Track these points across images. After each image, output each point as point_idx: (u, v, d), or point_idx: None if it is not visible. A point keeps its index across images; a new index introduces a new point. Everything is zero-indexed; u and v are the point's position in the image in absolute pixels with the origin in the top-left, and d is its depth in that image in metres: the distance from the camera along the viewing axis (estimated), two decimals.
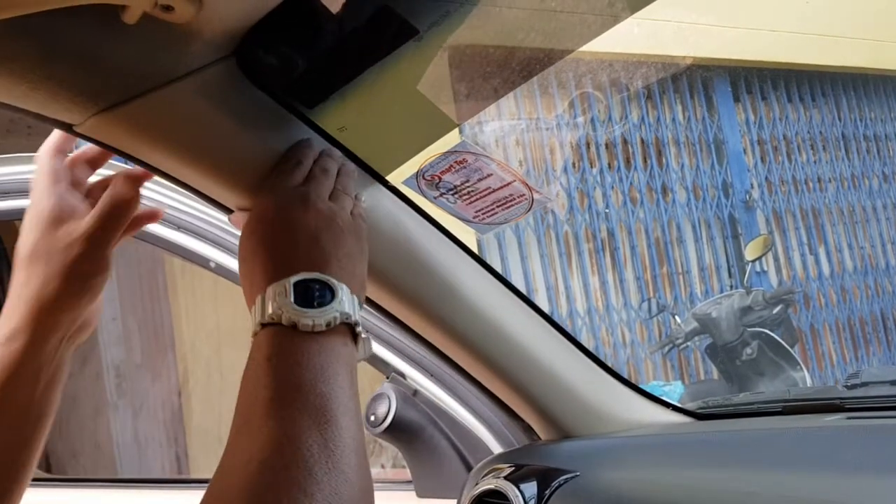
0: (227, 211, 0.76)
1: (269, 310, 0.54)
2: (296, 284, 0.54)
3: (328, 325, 0.53)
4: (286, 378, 0.52)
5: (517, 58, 0.75)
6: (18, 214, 1.42)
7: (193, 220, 1.19)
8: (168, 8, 0.56)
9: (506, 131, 3.98)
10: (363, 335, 0.56)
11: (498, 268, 3.83)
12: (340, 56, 0.68)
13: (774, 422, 0.87)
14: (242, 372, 0.56)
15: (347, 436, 0.50)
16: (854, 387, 0.91)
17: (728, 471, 0.76)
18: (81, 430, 3.36)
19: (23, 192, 1.35)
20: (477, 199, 0.79)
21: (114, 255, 0.73)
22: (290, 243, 0.58)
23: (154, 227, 1.21)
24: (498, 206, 0.79)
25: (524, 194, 0.77)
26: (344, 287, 0.55)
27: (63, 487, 1.80)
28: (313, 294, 0.54)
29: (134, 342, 3.39)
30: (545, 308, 3.90)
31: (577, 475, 0.80)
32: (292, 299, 0.53)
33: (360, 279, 0.60)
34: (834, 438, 0.77)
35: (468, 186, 0.77)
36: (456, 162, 0.75)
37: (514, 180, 0.75)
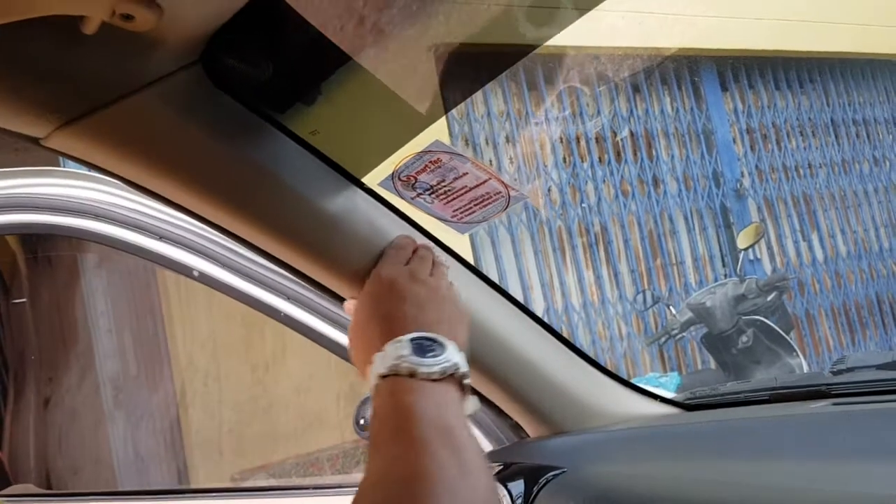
0: (203, 221, 0.75)
1: (389, 362, 0.61)
2: (411, 340, 0.62)
3: (442, 373, 0.60)
4: (410, 412, 0.57)
5: (486, 53, 0.75)
6: (7, 230, 1.41)
7: (175, 230, 1.18)
8: (128, 17, 0.55)
9: (495, 127, 3.97)
10: (469, 391, 0.63)
11: (492, 265, 3.84)
12: (307, 59, 0.68)
13: (761, 410, 0.86)
14: (237, 380, 0.59)
15: (473, 453, 0.56)
16: (840, 372, 0.90)
17: (713, 461, 0.76)
18: (81, 444, 3.35)
19: (10, 207, 1.34)
20: (454, 199, 0.78)
21: (106, 268, 0.73)
22: (403, 310, 0.67)
23: (137, 238, 1.21)
24: (475, 205, 0.78)
25: (500, 192, 0.76)
26: (452, 343, 0.63)
27: (64, 502, 1.79)
28: (427, 348, 0.62)
29: (129, 354, 3.37)
30: (541, 304, 3.91)
31: (563, 471, 0.80)
32: (410, 352, 0.61)
33: (463, 339, 0.67)
34: (819, 425, 0.77)
35: (444, 186, 0.77)
36: (431, 162, 0.75)
37: (490, 178, 0.75)
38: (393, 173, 0.77)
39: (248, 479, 3.11)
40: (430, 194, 0.78)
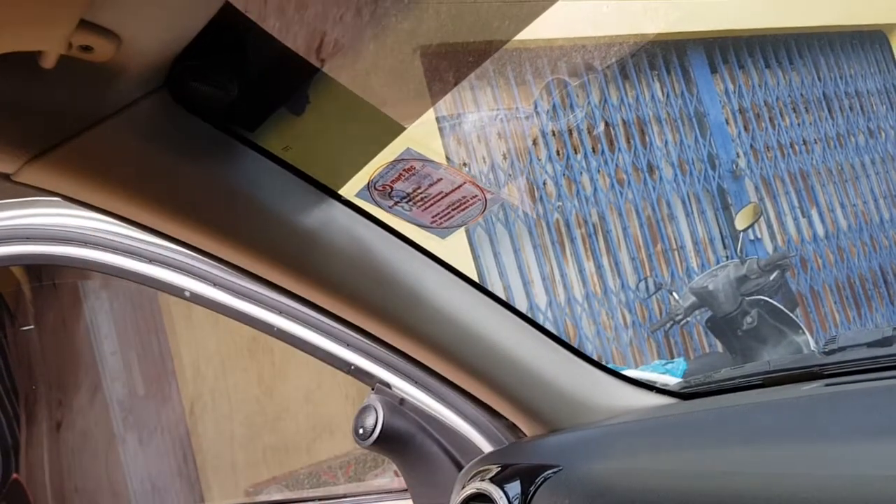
0: (183, 245, 0.75)
1: None
2: None
3: None
4: None
5: (458, 51, 0.75)
6: (3, 262, 1.42)
7: (164, 252, 1.18)
8: (86, 48, 0.55)
9: (485, 123, 3.97)
10: None
11: (492, 262, 3.83)
12: (272, 76, 0.68)
13: (755, 395, 0.86)
14: (245, 393, 0.53)
15: None
16: (832, 352, 0.90)
17: (709, 450, 0.75)
18: (94, 469, 3.36)
19: (6, 239, 1.35)
20: (431, 205, 0.78)
21: (108, 290, 0.72)
22: None
23: (127, 263, 1.21)
24: (453, 210, 0.79)
25: (477, 195, 0.76)
26: None
27: None
28: None
29: (135, 374, 3.38)
30: (543, 298, 3.90)
31: (559, 469, 0.80)
32: None
33: None
34: (812, 408, 0.76)
35: (420, 193, 0.77)
36: (405, 170, 0.75)
37: (465, 182, 0.75)
38: (368, 183, 0.77)
39: (261, 491, 3.11)
40: (407, 202, 0.78)
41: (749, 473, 0.68)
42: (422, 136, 0.78)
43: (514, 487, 0.80)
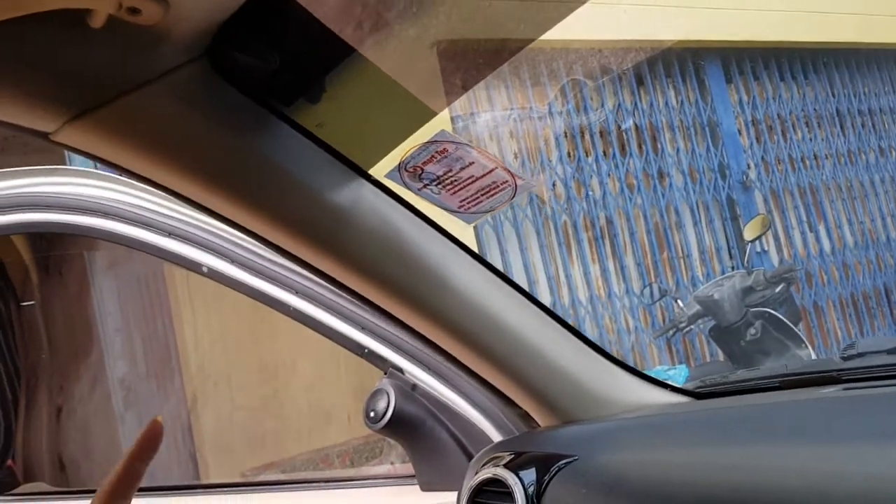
0: (211, 214, 0.76)
1: None
2: None
3: None
4: None
5: (489, 45, 0.75)
6: (15, 229, 1.43)
7: (184, 226, 1.18)
8: (134, 10, 0.55)
9: (498, 122, 3.97)
10: None
11: (498, 261, 3.84)
12: (313, 51, 0.68)
13: (772, 397, 0.86)
14: (247, 380, 0.52)
15: None
16: (851, 358, 0.90)
17: (724, 447, 0.75)
18: (95, 447, 3.37)
19: (18, 206, 1.35)
20: (461, 189, 0.78)
21: (115, 269, 0.72)
22: None
23: (145, 235, 1.21)
24: (482, 195, 0.78)
25: (507, 181, 0.76)
26: None
27: (78, 499, 1.79)
28: None
29: (138, 353, 3.39)
30: (546, 298, 3.90)
31: (575, 459, 0.80)
32: None
33: None
34: (830, 410, 0.77)
35: (451, 176, 0.77)
36: (437, 152, 0.75)
37: (496, 167, 0.75)
38: (399, 164, 0.77)
39: (258, 475, 3.12)
40: (436, 185, 0.78)
41: (764, 468, 0.69)
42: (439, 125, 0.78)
43: (530, 474, 0.80)
